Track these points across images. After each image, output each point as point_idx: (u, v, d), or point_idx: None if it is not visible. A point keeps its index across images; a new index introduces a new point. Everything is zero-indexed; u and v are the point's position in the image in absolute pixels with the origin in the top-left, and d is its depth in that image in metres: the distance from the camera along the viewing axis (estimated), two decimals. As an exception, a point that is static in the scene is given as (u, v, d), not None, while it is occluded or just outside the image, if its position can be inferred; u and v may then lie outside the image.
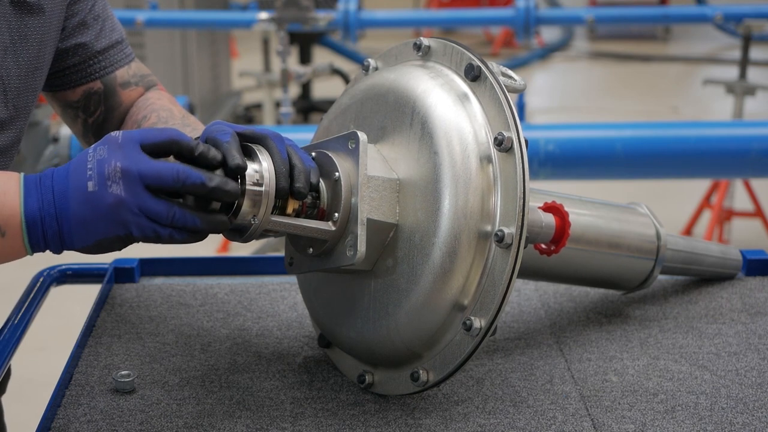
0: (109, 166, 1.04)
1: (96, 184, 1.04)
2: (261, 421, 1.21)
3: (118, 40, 1.45)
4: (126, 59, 1.46)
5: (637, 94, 7.96)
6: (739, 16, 4.78)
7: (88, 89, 1.42)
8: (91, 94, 1.43)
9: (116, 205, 1.04)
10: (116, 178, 1.04)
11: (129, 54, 1.47)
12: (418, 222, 1.15)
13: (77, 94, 1.43)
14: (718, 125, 3.15)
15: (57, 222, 1.07)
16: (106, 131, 1.45)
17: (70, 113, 1.46)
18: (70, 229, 1.06)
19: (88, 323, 1.46)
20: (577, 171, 2.61)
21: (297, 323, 1.48)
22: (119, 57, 1.44)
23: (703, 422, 1.21)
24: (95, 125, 1.46)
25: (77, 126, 1.47)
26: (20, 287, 1.56)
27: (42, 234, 1.07)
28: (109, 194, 1.04)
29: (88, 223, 1.06)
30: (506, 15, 5.30)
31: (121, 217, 1.05)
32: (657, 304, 1.57)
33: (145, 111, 1.42)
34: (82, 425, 1.20)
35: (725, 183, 4.44)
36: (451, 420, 1.21)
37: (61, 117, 1.49)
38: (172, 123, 1.37)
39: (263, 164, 1.10)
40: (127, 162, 1.04)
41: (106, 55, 1.42)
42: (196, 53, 5.96)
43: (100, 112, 1.44)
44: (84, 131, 1.47)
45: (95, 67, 1.42)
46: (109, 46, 1.43)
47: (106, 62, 1.43)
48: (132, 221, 1.05)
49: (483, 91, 1.18)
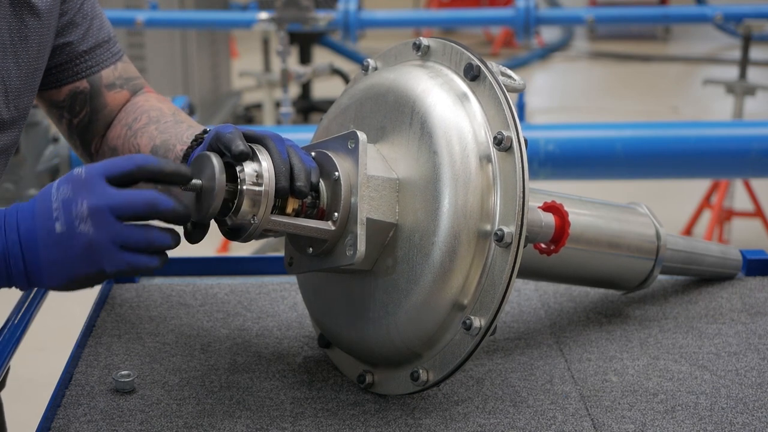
0: (75, 205, 1.04)
1: (63, 225, 1.04)
2: (261, 421, 1.21)
3: (106, 39, 1.43)
4: (112, 58, 1.44)
5: (637, 94, 7.96)
6: (739, 16, 4.78)
7: (74, 88, 1.41)
8: (77, 94, 1.42)
9: (87, 245, 1.04)
10: (84, 217, 1.03)
11: (116, 53, 1.45)
12: (418, 221, 1.15)
13: (63, 94, 1.42)
14: (718, 125, 3.15)
15: (23, 263, 1.06)
16: (91, 134, 1.44)
17: (55, 113, 1.45)
18: (39, 270, 1.06)
19: (88, 323, 1.46)
20: (577, 171, 2.61)
21: (297, 323, 1.48)
22: (105, 56, 1.43)
23: (703, 422, 1.21)
24: (80, 127, 1.45)
25: (62, 127, 1.46)
26: (20, 287, 1.56)
27: (7, 274, 1.07)
28: (78, 234, 1.03)
29: (59, 263, 1.05)
30: (506, 15, 5.30)
31: (93, 256, 1.04)
32: (657, 304, 1.56)
33: (135, 113, 1.41)
34: (82, 425, 1.20)
35: (725, 183, 4.44)
36: (451, 420, 1.21)
37: (47, 116, 1.48)
38: (164, 122, 1.37)
39: (263, 164, 1.10)
40: (94, 199, 1.04)
41: (92, 54, 1.41)
42: (196, 53, 5.96)
43: (85, 113, 1.43)
44: (69, 132, 1.46)
45: (81, 66, 1.41)
46: (96, 45, 1.42)
47: (92, 61, 1.41)
48: (104, 258, 1.05)
49: (482, 90, 1.18)
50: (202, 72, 6.08)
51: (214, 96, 6.40)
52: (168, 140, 1.32)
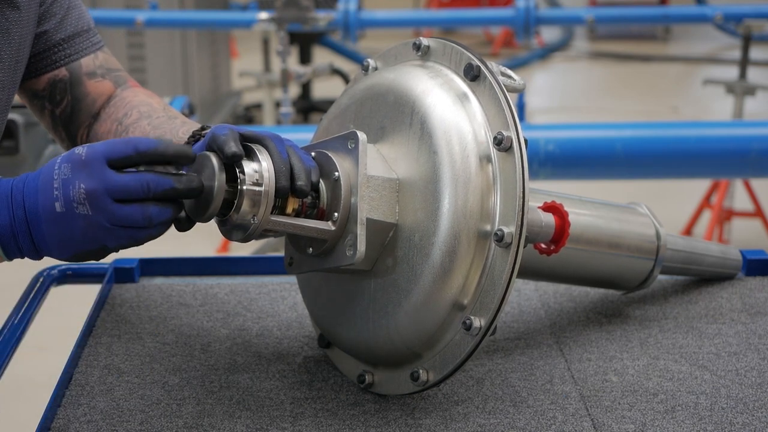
0: (73, 188, 1.06)
1: (63, 206, 1.06)
2: (261, 421, 1.21)
3: (85, 29, 1.44)
4: (92, 48, 1.45)
5: (637, 94, 7.96)
6: (739, 16, 4.78)
7: (53, 77, 1.42)
8: (56, 82, 1.42)
9: (85, 226, 1.07)
10: (81, 200, 1.06)
11: (96, 43, 1.46)
12: (418, 221, 1.15)
13: (42, 83, 1.42)
14: (718, 125, 3.14)
15: (31, 238, 1.09)
16: (76, 125, 1.45)
17: (36, 104, 1.45)
18: (46, 245, 1.09)
19: (88, 323, 1.46)
20: (577, 171, 2.61)
21: (297, 323, 1.48)
22: (85, 45, 1.44)
23: (703, 422, 1.21)
24: (63, 117, 1.45)
25: (45, 119, 1.47)
26: (20, 287, 1.56)
27: (17, 248, 1.10)
28: (77, 215, 1.06)
29: (63, 240, 1.08)
30: (506, 15, 5.30)
31: (92, 235, 1.07)
32: (657, 304, 1.56)
33: (124, 109, 1.41)
34: (82, 425, 1.20)
35: (725, 183, 4.44)
36: (451, 420, 1.21)
37: (30, 110, 1.49)
38: (156, 117, 1.37)
39: (263, 164, 1.10)
40: (91, 183, 1.06)
41: (70, 43, 1.42)
42: (196, 53, 5.95)
43: (66, 103, 1.43)
44: (53, 123, 1.46)
45: (59, 54, 1.42)
46: (75, 34, 1.42)
47: (71, 50, 1.42)
48: (105, 236, 1.07)
49: (482, 90, 1.18)
50: (202, 72, 6.08)
51: (214, 96, 6.40)
52: (163, 136, 1.32)
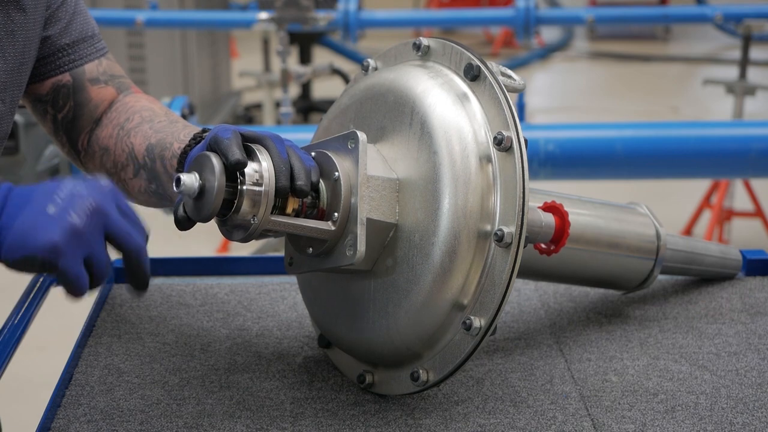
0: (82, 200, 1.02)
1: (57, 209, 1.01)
2: (261, 421, 1.21)
3: (89, 35, 1.44)
4: (96, 54, 1.45)
5: (637, 94, 7.96)
6: (739, 16, 4.78)
7: (56, 82, 1.42)
8: (60, 88, 1.42)
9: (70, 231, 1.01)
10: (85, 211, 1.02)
11: (100, 49, 1.46)
12: (418, 221, 1.15)
13: (46, 87, 1.42)
14: (718, 125, 3.15)
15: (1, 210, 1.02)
16: (78, 130, 1.44)
17: (39, 108, 1.45)
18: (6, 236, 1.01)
19: (88, 323, 1.46)
20: (577, 171, 2.61)
21: (297, 323, 1.48)
22: (89, 51, 1.44)
23: (703, 422, 1.21)
24: (66, 122, 1.45)
25: (47, 123, 1.46)
26: (20, 287, 1.56)
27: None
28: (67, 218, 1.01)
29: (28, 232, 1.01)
30: (506, 15, 5.30)
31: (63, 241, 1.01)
32: (657, 304, 1.56)
33: (126, 114, 1.41)
34: (82, 425, 1.20)
35: (725, 183, 4.44)
36: (451, 420, 1.21)
37: (32, 114, 1.48)
38: (158, 121, 1.37)
39: (263, 164, 1.10)
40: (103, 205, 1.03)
41: (75, 48, 1.42)
42: (196, 53, 5.96)
43: (69, 108, 1.43)
44: (55, 128, 1.46)
45: (64, 59, 1.41)
46: (79, 40, 1.42)
47: (75, 55, 1.42)
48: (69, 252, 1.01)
49: (482, 90, 1.18)
50: (202, 72, 6.09)
51: (214, 96, 6.40)
52: (164, 138, 1.32)
